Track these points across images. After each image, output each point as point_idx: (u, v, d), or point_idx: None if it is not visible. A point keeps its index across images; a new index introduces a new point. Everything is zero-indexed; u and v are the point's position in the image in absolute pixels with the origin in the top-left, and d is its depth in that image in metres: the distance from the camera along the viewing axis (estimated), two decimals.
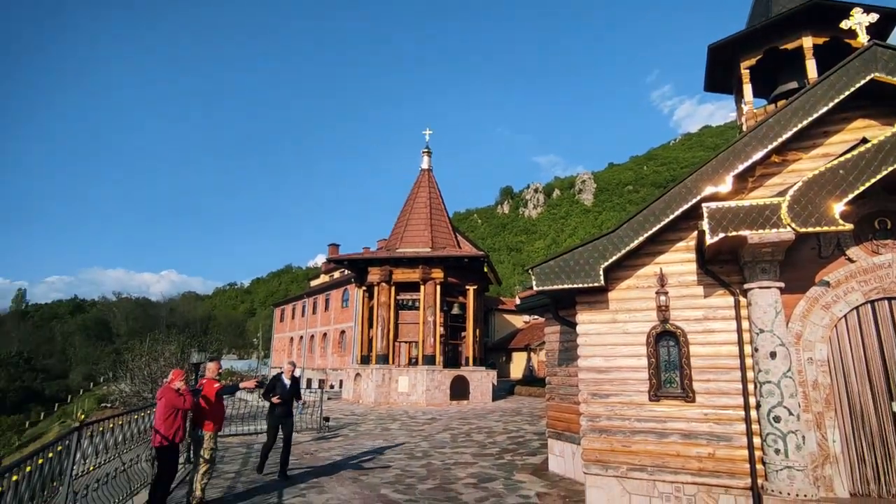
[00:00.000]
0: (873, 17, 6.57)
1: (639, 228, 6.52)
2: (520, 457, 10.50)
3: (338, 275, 41.37)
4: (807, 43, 7.76)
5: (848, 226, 5.34)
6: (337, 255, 35.00)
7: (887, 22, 7.65)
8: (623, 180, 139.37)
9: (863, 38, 6.41)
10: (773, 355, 5.69)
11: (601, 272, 6.58)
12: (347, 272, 32.55)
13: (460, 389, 23.12)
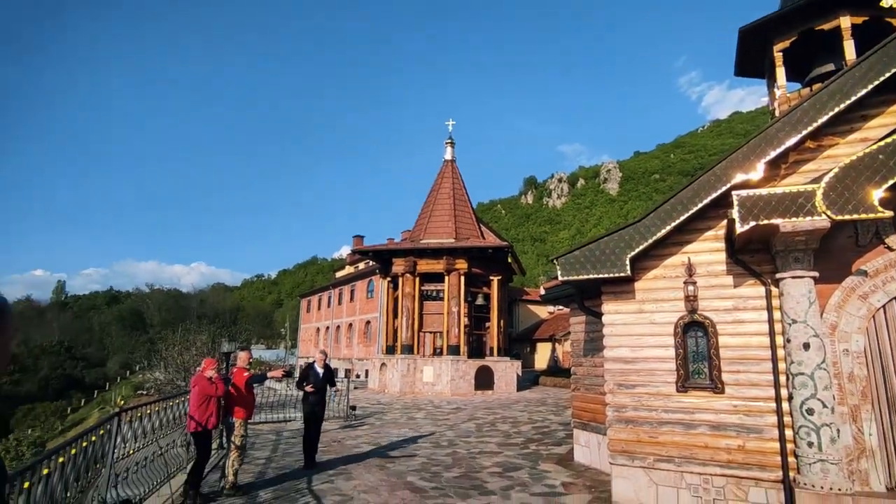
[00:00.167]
0: None
1: (666, 217, 6.42)
2: (545, 447, 10.51)
3: (363, 266, 41.79)
4: (844, 23, 7.45)
5: (887, 213, 5.15)
6: (362, 246, 35.32)
7: None
8: (649, 169, 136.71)
9: None
10: (806, 346, 5.55)
11: (627, 262, 6.51)
12: (372, 263, 32.86)
13: (485, 379, 23.20)
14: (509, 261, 26.39)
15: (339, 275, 51.27)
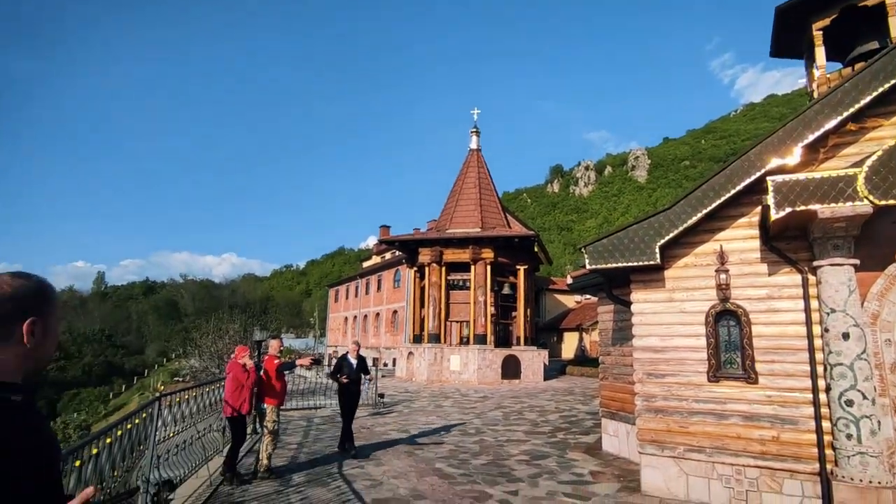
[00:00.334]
0: None
1: (697, 205, 6.28)
2: (572, 435, 10.49)
3: (389, 256, 42.10)
4: None
5: None
6: (388, 236, 35.59)
7: None
8: (679, 155, 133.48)
9: None
10: (845, 336, 5.39)
11: (657, 250, 6.41)
12: (399, 253, 33.08)
13: (512, 369, 23.21)
14: (535, 250, 26.23)
15: (366, 265, 51.79)
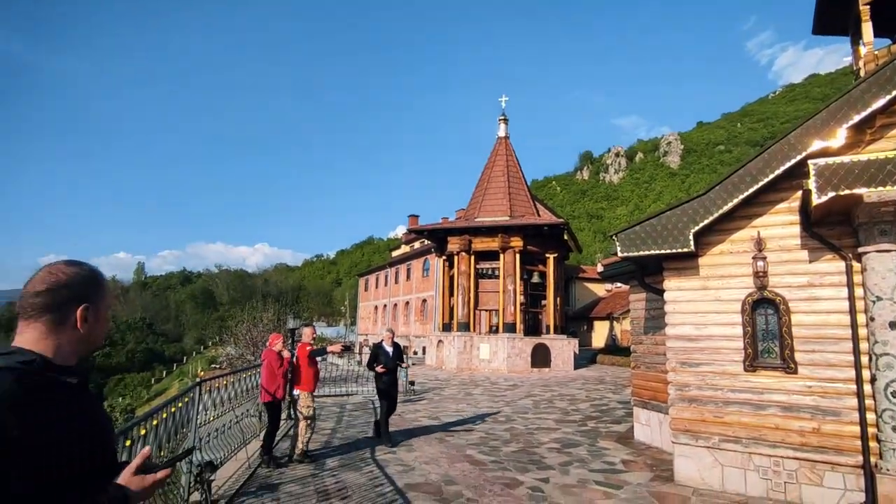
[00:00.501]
0: None
1: (733, 190, 6.11)
2: (603, 424, 10.44)
3: (418, 245, 42.33)
4: None
5: None
6: (417, 225, 35.74)
7: None
8: (713, 140, 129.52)
9: None
10: (892, 325, 5.19)
11: (691, 237, 6.28)
12: (427, 242, 33.23)
13: (541, 357, 23.15)
14: (565, 238, 25.95)
15: (395, 254, 52.21)
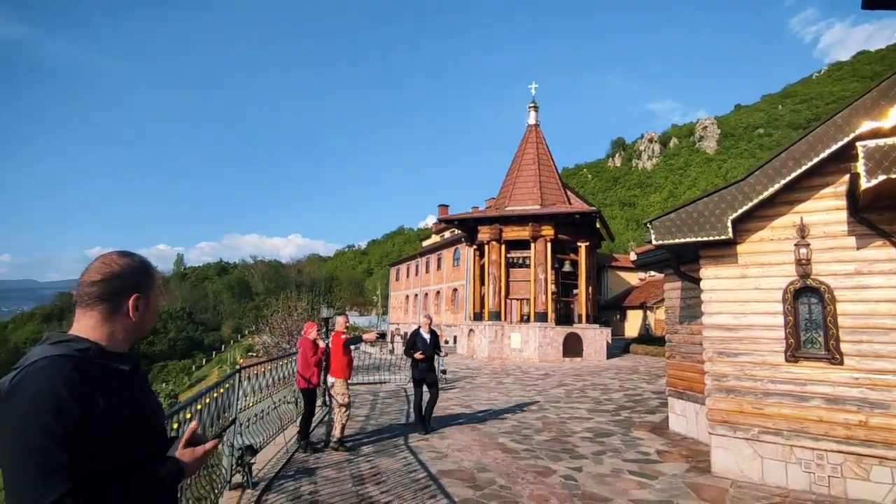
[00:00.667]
0: None
1: (774, 175, 5.90)
2: (637, 414, 10.32)
3: (448, 234, 42.40)
4: None
5: None
6: (447, 215, 35.76)
7: None
8: (753, 123, 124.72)
9: None
10: None
11: (729, 224, 6.10)
12: (458, 232, 33.24)
13: (573, 347, 22.97)
14: (597, 226, 25.59)
15: (425, 244, 52.44)
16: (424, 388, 8.72)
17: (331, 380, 7.44)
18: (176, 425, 3.45)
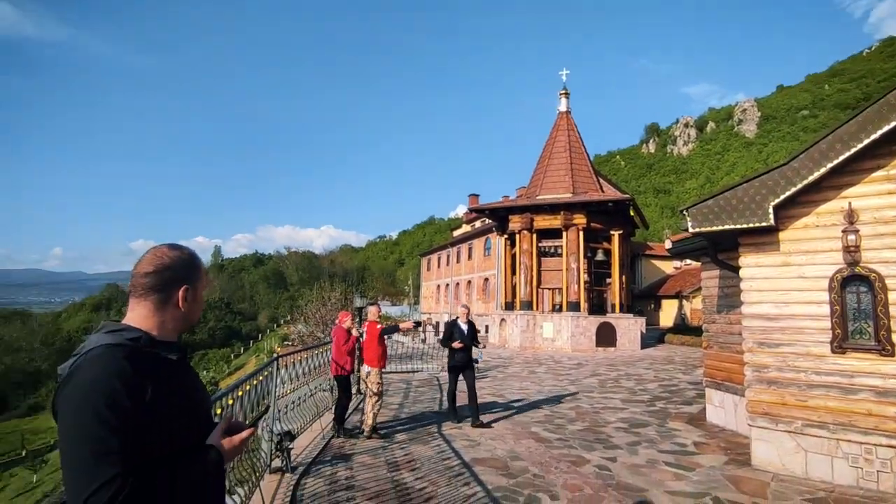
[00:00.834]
0: None
1: (821, 158, 5.65)
2: (673, 405, 10.14)
3: (479, 224, 42.28)
4: None
5: None
6: (477, 204, 35.64)
7: None
8: (796, 104, 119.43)
9: None
10: None
11: (770, 210, 5.89)
12: (488, 221, 33.12)
13: (606, 336, 22.69)
14: (631, 214, 25.08)
15: (456, 233, 52.45)
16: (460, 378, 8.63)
17: (366, 368, 7.55)
18: (219, 410, 3.58)
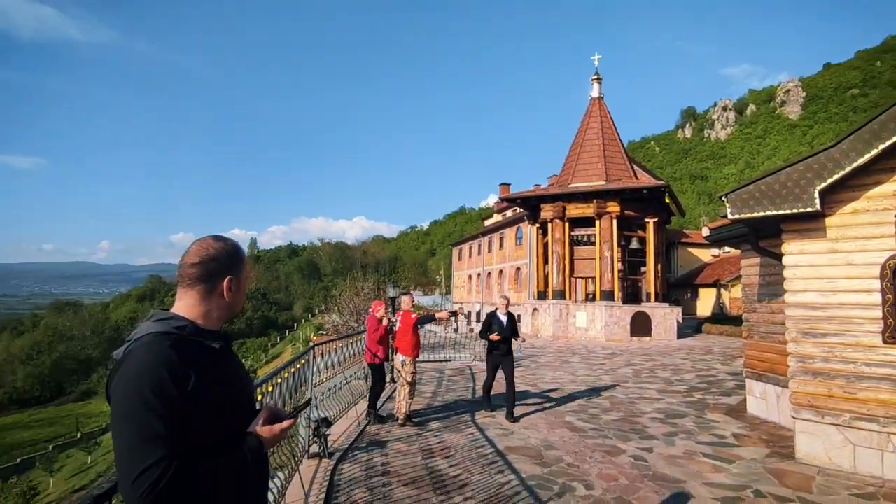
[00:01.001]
0: None
1: (872, 139, 5.37)
2: (711, 396, 9.91)
3: (510, 213, 42.00)
4: None
5: None
6: (508, 193, 35.39)
7: None
8: (845, 83, 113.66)
9: None
10: None
11: (816, 195, 5.64)
12: (520, 210, 32.87)
13: (641, 326, 22.31)
14: (666, 201, 24.46)
15: (487, 223, 52.23)
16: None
17: (400, 357, 7.62)
18: (260, 397, 3.70)
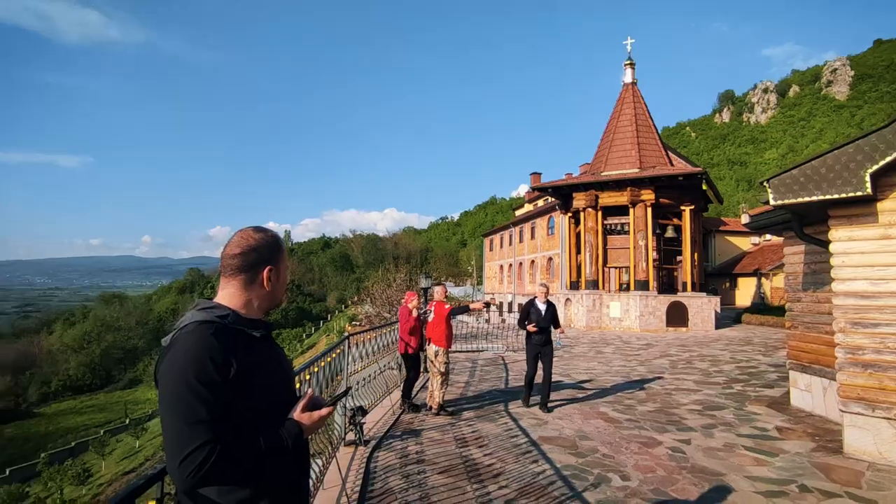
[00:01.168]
0: None
1: None
2: (752, 388, 9.64)
3: (541, 203, 41.58)
4: None
5: None
6: (540, 183, 35.03)
7: None
8: None
9: None
10: None
11: (867, 178, 5.38)
12: (551, 200, 32.52)
13: (677, 316, 21.83)
14: (703, 188, 23.76)
15: (518, 213, 51.82)
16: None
17: (433, 348, 7.66)
18: (298, 384, 3.80)
